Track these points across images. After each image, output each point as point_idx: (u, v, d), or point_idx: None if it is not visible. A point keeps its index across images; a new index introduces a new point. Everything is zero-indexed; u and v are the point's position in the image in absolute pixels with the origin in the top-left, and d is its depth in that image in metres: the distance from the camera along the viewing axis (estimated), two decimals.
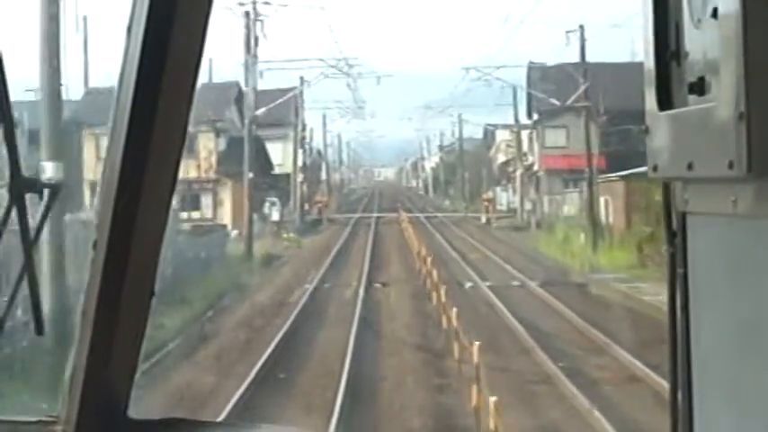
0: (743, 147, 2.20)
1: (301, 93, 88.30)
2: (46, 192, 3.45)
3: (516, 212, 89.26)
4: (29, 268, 3.46)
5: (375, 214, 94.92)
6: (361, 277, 46.16)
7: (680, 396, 2.63)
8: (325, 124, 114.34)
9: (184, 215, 65.12)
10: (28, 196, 3.37)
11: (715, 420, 2.51)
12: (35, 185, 3.39)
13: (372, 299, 39.86)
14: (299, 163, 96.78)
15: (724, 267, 2.43)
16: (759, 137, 2.18)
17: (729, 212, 2.34)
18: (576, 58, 69.04)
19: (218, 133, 75.47)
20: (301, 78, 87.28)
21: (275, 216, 74.59)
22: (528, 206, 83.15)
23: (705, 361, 2.54)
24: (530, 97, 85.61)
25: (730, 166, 2.23)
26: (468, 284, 44.27)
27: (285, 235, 73.98)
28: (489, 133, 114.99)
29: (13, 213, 3.38)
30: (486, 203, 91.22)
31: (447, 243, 63.13)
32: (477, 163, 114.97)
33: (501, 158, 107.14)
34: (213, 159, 76.21)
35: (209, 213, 73.53)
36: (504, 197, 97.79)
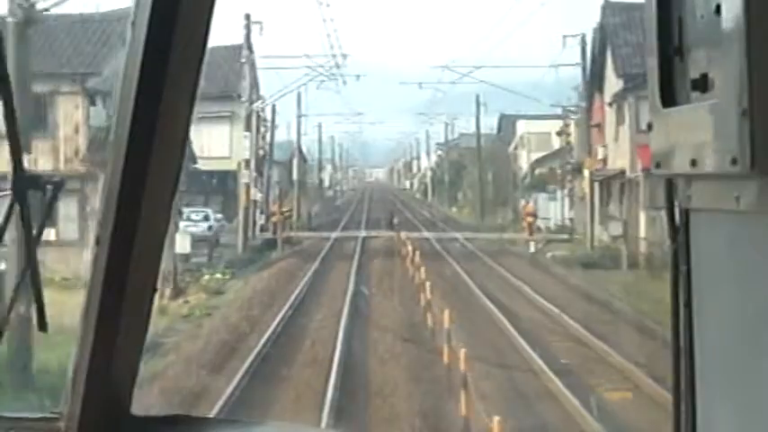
0: (746, 143, 2.14)
1: (249, 48, 55.08)
2: (49, 188, 3.33)
3: (574, 233, 56.61)
4: (31, 265, 3.38)
5: (362, 233, 61.21)
6: None
7: (682, 395, 2.53)
8: (299, 104, 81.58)
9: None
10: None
11: (718, 419, 2.44)
12: (38, 182, 3.32)
13: None
14: (267, 156, 65.32)
15: (727, 264, 2.37)
16: (762, 133, 2.13)
17: (732, 209, 2.29)
18: None
19: (91, 97, 41.98)
20: (247, 20, 54.35)
21: (183, 244, 40.91)
22: (612, 229, 49.63)
23: (708, 358, 2.48)
24: (601, 48, 52.54)
25: (733, 162, 2.17)
26: None
27: (207, 276, 41.28)
28: (507, 125, 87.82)
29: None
30: (529, 220, 58.17)
31: (506, 317, 29.50)
32: (494, 161, 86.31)
33: (526, 156, 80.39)
34: (82, 140, 42.51)
35: (71, 233, 39.98)
36: (552, 210, 64.53)
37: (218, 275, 41.88)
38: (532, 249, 51.63)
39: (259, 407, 19.84)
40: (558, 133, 64.14)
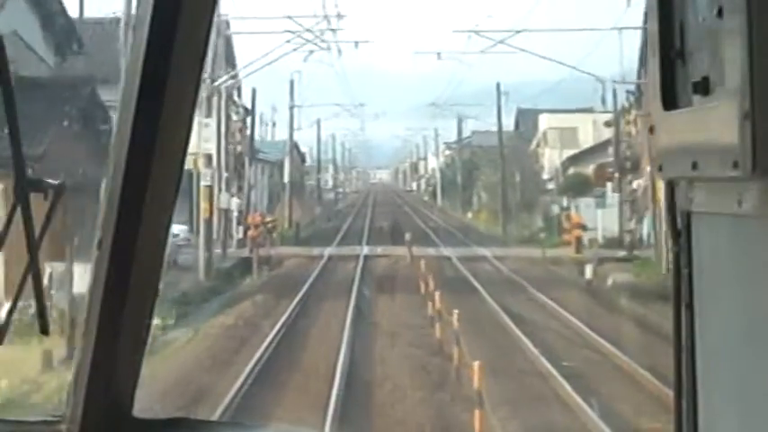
0: (747, 146, 2.13)
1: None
2: (51, 191, 3.22)
3: (634, 249, 43.69)
4: (34, 268, 3.23)
5: (364, 249, 47.95)
6: None
7: (684, 396, 2.50)
8: (293, 94, 69.21)
9: None
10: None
11: (720, 421, 2.42)
12: (40, 185, 3.20)
13: None
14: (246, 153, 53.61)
15: (728, 266, 2.37)
16: (764, 136, 2.11)
17: (734, 212, 2.27)
18: None
19: None
20: None
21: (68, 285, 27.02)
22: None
23: (710, 360, 2.47)
24: None
25: (735, 165, 2.16)
26: None
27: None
28: (527, 120, 78.64)
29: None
30: (576, 233, 45.07)
31: None
32: (514, 161, 75.13)
33: (549, 154, 70.61)
34: None
35: None
36: (600, 218, 51.26)
37: (157, 321, 28.86)
38: (589, 275, 38.35)
39: None
40: (607, 123, 51.11)
